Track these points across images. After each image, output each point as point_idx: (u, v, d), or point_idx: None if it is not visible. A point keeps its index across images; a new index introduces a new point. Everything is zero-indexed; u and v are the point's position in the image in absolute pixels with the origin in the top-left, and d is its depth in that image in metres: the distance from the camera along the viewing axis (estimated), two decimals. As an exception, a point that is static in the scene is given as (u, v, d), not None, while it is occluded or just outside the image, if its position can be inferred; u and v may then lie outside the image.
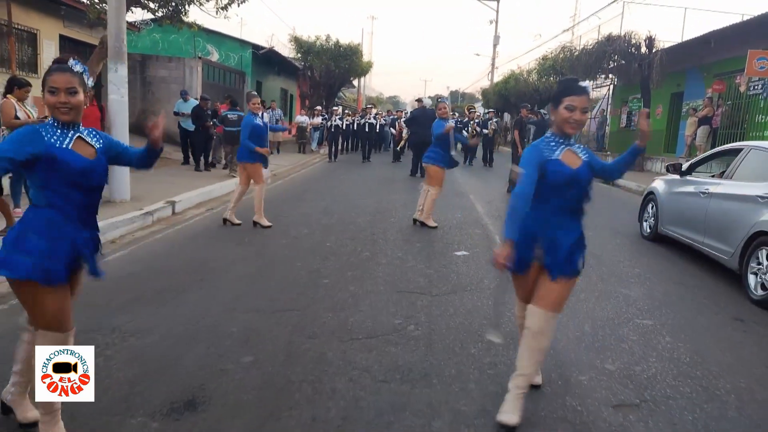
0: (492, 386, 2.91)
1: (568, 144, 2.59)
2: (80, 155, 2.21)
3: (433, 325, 3.77)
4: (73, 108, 2.20)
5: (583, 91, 2.55)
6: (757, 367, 3.39)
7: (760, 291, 4.51)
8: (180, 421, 2.53)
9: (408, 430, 2.49)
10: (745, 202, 4.89)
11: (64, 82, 2.17)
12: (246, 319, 3.77)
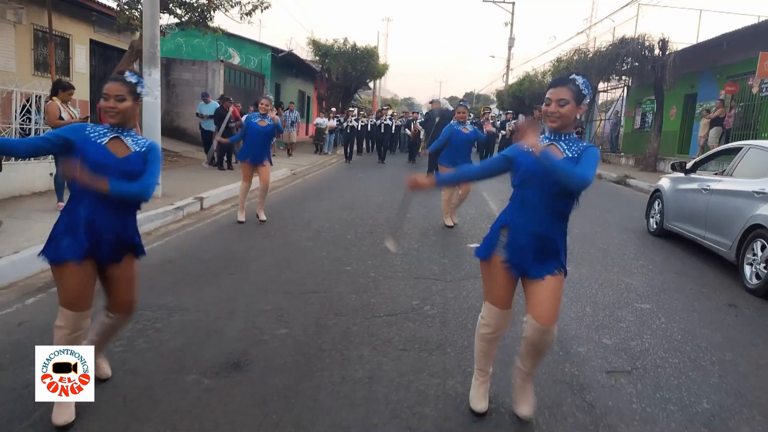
0: (500, 355, 3.28)
1: (557, 140, 2.48)
2: (108, 151, 2.44)
3: (447, 306, 4.14)
4: (119, 112, 2.48)
5: (561, 82, 2.44)
6: (743, 345, 3.72)
7: (755, 280, 4.82)
8: (228, 378, 2.94)
9: (425, 387, 2.88)
10: (742, 198, 5.22)
11: (114, 90, 2.48)
12: (277, 300, 4.18)
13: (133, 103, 2.53)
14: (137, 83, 2.55)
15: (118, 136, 2.50)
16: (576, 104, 2.41)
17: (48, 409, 2.39)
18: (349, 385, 2.89)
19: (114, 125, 2.51)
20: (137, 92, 2.55)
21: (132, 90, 2.52)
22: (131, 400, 2.69)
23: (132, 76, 2.55)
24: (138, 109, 2.63)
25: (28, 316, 3.75)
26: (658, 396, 2.90)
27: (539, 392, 2.83)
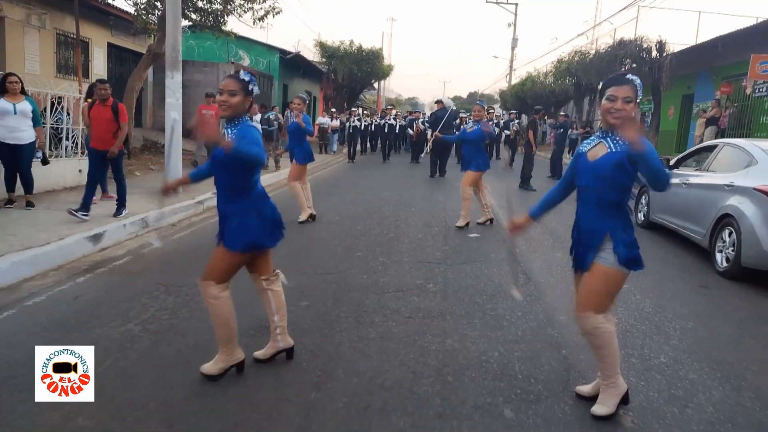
0: (492, 320, 3.85)
1: (605, 137, 2.59)
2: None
3: (447, 285, 4.70)
4: (230, 106, 2.71)
5: (625, 81, 2.51)
6: (705, 317, 4.25)
7: (724, 264, 5.37)
8: (263, 338, 3.49)
9: (428, 344, 3.43)
10: (715, 190, 5.78)
11: (228, 86, 2.72)
12: (297, 279, 4.72)
13: (243, 98, 2.72)
14: (250, 81, 2.75)
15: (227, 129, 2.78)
16: (636, 105, 2.51)
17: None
18: (364, 342, 3.45)
19: (226, 117, 2.76)
20: (249, 89, 2.74)
21: (244, 87, 2.72)
22: (183, 353, 3.26)
23: (246, 74, 2.75)
24: (248, 104, 2.80)
25: (81, 292, 4.32)
26: (623, 352, 3.44)
27: (523, 348, 3.39)
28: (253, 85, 2.76)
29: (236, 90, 2.68)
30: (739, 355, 3.56)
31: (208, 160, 2.93)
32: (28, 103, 6.50)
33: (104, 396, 2.61)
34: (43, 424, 2.38)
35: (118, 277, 4.72)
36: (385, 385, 2.89)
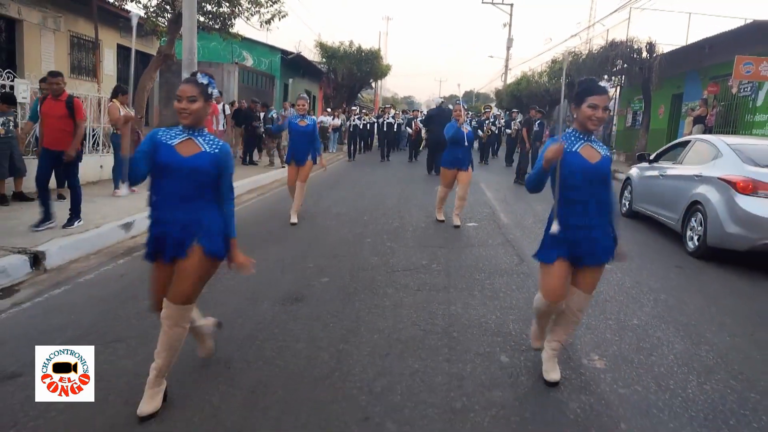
0: (489, 293, 4.43)
1: (588, 140, 2.82)
2: (176, 152, 2.49)
3: (450, 265, 5.27)
4: (192, 113, 2.50)
5: (604, 90, 2.76)
6: (678, 291, 4.84)
7: (693, 245, 6.01)
8: (292, 306, 4.06)
9: (435, 309, 4.01)
10: (686, 181, 6.44)
11: (186, 92, 2.49)
12: (315, 261, 5.29)
13: (204, 104, 2.53)
14: (209, 84, 2.56)
15: (190, 138, 2.54)
16: None
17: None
18: (380, 309, 4.02)
19: (187, 126, 2.54)
20: (209, 93, 2.56)
21: (203, 91, 2.53)
22: (224, 318, 3.81)
23: (203, 77, 2.55)
24: (209, 109, 2.64)
25: (124, 271, 4.87)
26: (601, 316, 4.03)
27: (516, 313, 3.97)
28: (212, 88, 2.58)
29: (196, 95, 2.50)
30: (702, 319, 4.15)
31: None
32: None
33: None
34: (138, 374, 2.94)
35: (133, 268, 5.25)
36: (401, 339, 3.46)
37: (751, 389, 3.05)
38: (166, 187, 2.51)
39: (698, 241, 6.01)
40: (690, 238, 6.18)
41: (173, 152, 2.50)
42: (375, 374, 2.98)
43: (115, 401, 2.61)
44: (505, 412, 2.66)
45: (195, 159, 2.50)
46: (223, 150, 2.60)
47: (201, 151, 2.53)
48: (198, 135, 2.57)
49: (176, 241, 2.50)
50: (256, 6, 12.29)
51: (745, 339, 3.82)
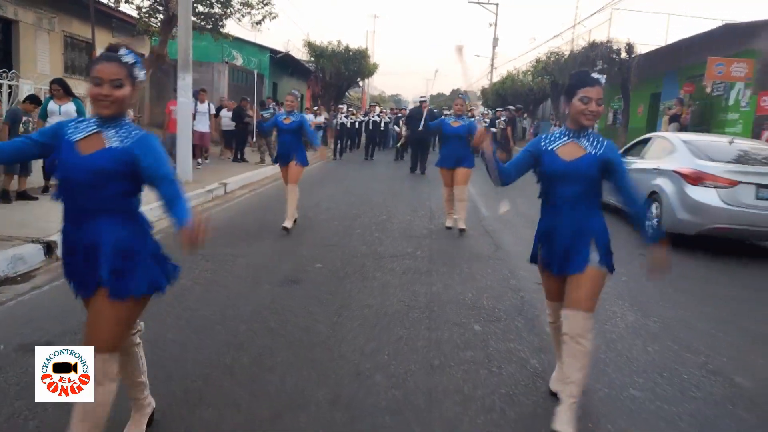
0: (467, 275, 4.91)
1: (577, 136, 2.56)
2: (74, 150, 1.97)
3: (432, 252, 5.75)
4: (116, 102, 1.94)
5: (597, 82, 2.49)
6: (638, 275, 5.35)
7: (653, 230, 6.58)
8: (290, 287, 4.50)
9: (418, 288, 4.48)
10: (646, 173, 7.06)
11: (109, 73, 1.92)
12: (309, 250, 5.74)
13: (132, 91, 1.98)
14: (135, 63, 1.99)
15: (99, 132, 1.99)
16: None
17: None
18: (369, 289, 4.48)
19: (106, 117, 1.98)
20: (135, 76, 1.99)
21: (131, 73, 1.97)
22: (229, 297, 4.25)
23: (128, 54, 1.98)
24: (137, 97, 2.11)
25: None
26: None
27: (490, 292, 4.46)
28: (139, 69, 2.00)
29: (122, 78, 1.94)
30: (656, 297, 4.66)
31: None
32: (74, 105, 7.33)
33: (182, 327, 3.62)
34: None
35: (159, 249, 5.67)
36: (388, 313, 3.92)
37: (686, 351, 3.57)
38: (65, 199, 2.00)
39: (653, 228, 6.59)
40: (648, 227, 6.71)
41: (72, 151, 1.96)
42: (365, 340, 3.45)
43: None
44: (475, 367, 3.14)
45: (95, 158, 1.94)
46: (142, 141, 1.99)
47: (105, 147, 1.96)
48: (110, 127, 1.98)
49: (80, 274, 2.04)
50: (248, 7, 12.69)
51: (690, 313, 4.35)
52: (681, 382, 3.14)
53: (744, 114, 15.03)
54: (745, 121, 14.86)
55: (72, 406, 2.05)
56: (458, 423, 2.59)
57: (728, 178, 6.19)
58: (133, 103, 2.17)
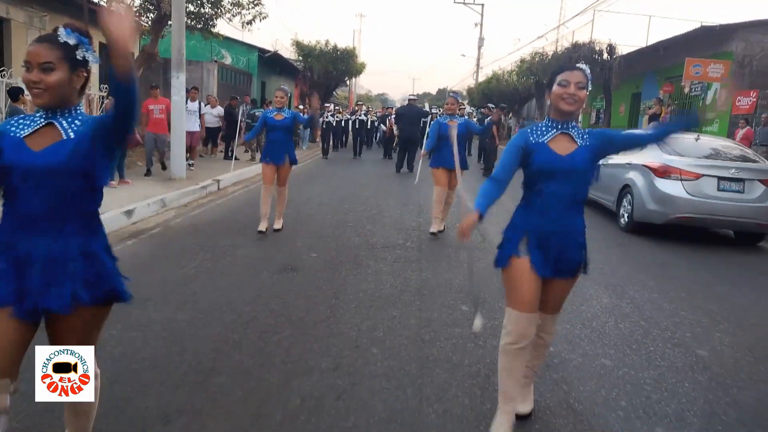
0: (455, 263, 5.23)
1: (566, 127, 2.40)
2: (25, 146, 1.74)
3: (422, 243, 6.07)
4: (47, 89, 1.71)
5: (577, 68, 2.37)
6: (614, 261, 5.72)
7: (624, 221, 7.33)
8: (288, 274, 4.78)
9: (409, 275, 4.79)
10: (620, 168, 7.58)
11: (37, 56, 1.70)
12: (304, 241, 6.01)
13: (70, 75, 1.74)
14: (78, 44, 1.76)
15: (51, 123, 1.77)
16: (587, 92, 2.36)
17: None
18: (363, 276, 4.78)
19: (43, 107, 1.77)
20: (77, 58, 1.75)
21: (68, 55, 1.73)
22: (232, 284, 4.51)
23: (69, 34, 1.74)
24: (81, 83, 1.81)
25: (135, 251, 5.50)
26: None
27: (477, 277, 4.78)
28: (84, 49, 1.77)
29: (53, 61, 1.71)
30: (629, 282, 5.02)
31: None
32: None
33: (190, 309, 3.89)
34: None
35: (159, 241, 5.92)
36: (382, 296, 4.23)
37: (654, 327, 3.92)
38: (15, 204, 1.75)
39: (628, 218, 7.28)
40: (622, 216, 7.45)
41: (22, 147, 1.74)
42: (362, 319, 3.74)
43: (142, 349, 3.31)
44: (462, 341, 3.45)
45: (49, 153, 1.73)
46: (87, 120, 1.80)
47: (61, 140, 1.75)
48: (62, 117, 1.78)
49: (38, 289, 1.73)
50: (238, 7, 12.90)
51: (660, 295, 4.70)
52: (648, 353, 3.48)
53: (720, 113, 15.56)
54: (722, 120, 15.39)
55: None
56: (447, 387, 2.90)
57: (693, 171, 6.76)
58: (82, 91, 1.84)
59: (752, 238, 7.27)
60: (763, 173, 6.91)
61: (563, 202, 2.40)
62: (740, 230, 7.23)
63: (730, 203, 6.68)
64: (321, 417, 2.55)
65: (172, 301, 4.00)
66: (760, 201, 6.71)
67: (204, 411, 2.56)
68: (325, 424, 2.50)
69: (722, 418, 2.77)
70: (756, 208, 6.69)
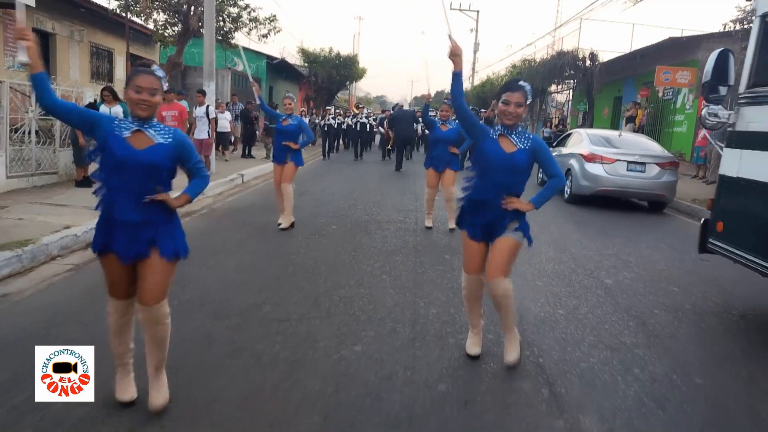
0: (442, 231, 6.83)
1: (509, 133, 3.02)
2: (128, 145, 2.44)
3: (418, 219, 7.68)
4: (151, 106, 2.45)
5: (518, 87, 2.87)
6: (559, 224, 7.31)
7: (566, 195, 9.71)
8: (317, 238, 6.36)
9: (407, 238, 6.39)
10: (566, 157, 10.11)
11: (148, 83, 2.44)
12: (324, 218, 7.60)
13: (161, 96, 2.53)
14: (162, 77, 2.54)
15: (140, 130, 2.49)
16: (525, 107, 2.97)
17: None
18: (373, 239, 6.37)
19: (141, 118, 2.49)
20: (162, 87, 2.53)
21: (161, 85, 2.52)
22: (277, 244, 6.09)
23: (158, 69, 2.54)
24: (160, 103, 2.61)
25: (189, 228, 7.08)
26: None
27: (457, 242, 6.39)
28: (164, 81, 2.56)
29: (157, 88, 2.49)
30: (570, 242, 6.61)
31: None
32: (120, 107, 9.09)
33: (252, 257, 5.50)
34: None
35: (209, 218, 7.49)
36: (388, 251, 5.83)
37: (580, 268, 5.52)
38: (118, 184, 2.47)
39: (569, 192, 9.77)
40: (565, 192, 9.86)
41: (126, 144, 2.45)
42: (374, 261, 5.35)
43: (225, 276, 4.91)
44: (444, 272, 5.05)
45: (151, 152, 2.47)
46: (176, 139, 2.56)
47: (155, 143, 2.49)
48: (150, 127, 2.52)
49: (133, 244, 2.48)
50: (255, 22, 14.50)
51: (591, 247, 6.32)
52: (570, 281, 5.07)
53: (688, 116, 17.19)
54: (689, 122, 17.01)
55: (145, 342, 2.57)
56: (432, 292, 4.49)
57: (610, 157, 9.47)
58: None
59: (658, 207, 9.85)
60: (659, 158, 9.58)
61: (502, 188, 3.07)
62: (645, 199, 9.90)
63: (636, 180, 9.34)
64: (352, 307, 4.14)
65: (237, 252, 5.60)
66: (657, 178, 9.40)
67: (281, 302, 4.16)
68: (353, 310, 4.08)
69: (611, 319, 4.31)
70: (653, 183, 9.38)
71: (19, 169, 7.95)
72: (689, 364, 3.43)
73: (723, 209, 4.46)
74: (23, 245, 5.11)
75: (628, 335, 3.85)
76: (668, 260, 6.13)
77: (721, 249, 4.42)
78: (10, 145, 7.74)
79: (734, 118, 4.22)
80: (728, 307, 4.64)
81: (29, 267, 4.96)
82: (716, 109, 4.23)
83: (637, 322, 4.12)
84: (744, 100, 4.22)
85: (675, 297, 4.83)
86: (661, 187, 9.40)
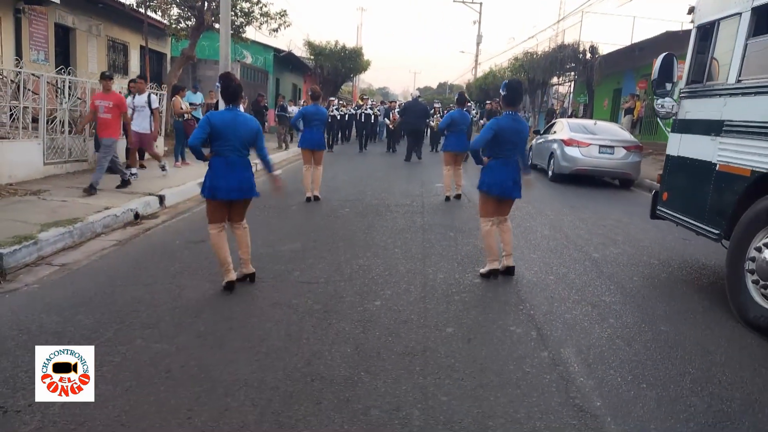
0: (449, 214, 7.46)
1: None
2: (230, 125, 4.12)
3: (424, 203, 8.30)
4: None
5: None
6: (549, 201, 7.93)
7: (550, 174, 10.89)
8: (333, 218, 6.99)
9: (415, 220, 7.02)
10: (550, 142, 12.03)
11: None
12: (337, 203, 8.22)
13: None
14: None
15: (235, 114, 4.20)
16: None
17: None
18: (383, 220, 6.99)
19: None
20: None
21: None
22: (297, 222, 6.72)
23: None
24: None
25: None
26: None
27: (470, 225, 7.01)
28: None
29: None
30: (561, 221, 7.22)
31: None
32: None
33: (279, 229, 6.14)
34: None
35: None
36: (397, 229, 6.46)
37: (565, 239, 6.14)
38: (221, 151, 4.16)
39: (551, 172, 11.65)
40: (549, 171, 11.77)
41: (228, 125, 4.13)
42: (386, 238, 5.98)
43: (253, 242, 5.54)
44: (449, 245, 5.68)
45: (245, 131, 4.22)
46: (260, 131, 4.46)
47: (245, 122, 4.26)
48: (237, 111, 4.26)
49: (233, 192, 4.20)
50: (266, 17, 15.06)
51: (571, 223, 6.93)
52: (561, 255, 5.69)
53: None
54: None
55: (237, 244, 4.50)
56: (441, 259, 5.12)
57: (585, 141, 11.12)
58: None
59: (627, 184, 11.55)
60: (626, 142, 11.26)
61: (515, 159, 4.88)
62: (615, 177, 11.62)
63: (606, 161, 11.06)
64: (370, 273, 4.77)
65: (263, 227, 6.23)
66: (624, 159, 11.11)
67: (308, 269, 4.79)
68: (372, 275, 4.71)
69: (595, 283, 4.92)
70: (621, 163, 11.11)
71: (54, 157, 8.58)
72: (657, 316, 4.06)
73: (667, 182, 5.40)
74: (73, 223, 5.75)
75: (607, 295, 4.48)
76: (653, 239, 6.73)
77: (666, 214, 5.32)
78: (45, 135, 8.36)
79: (676, 108, 5.20)
80: (700, 276, 5.27)
81: (78, 242, 5.60)
82: (664, 101, 5.22)
83: (617, 287, 4.74)
84: (684, 94, 5.21)
85: (654, 268, 5.45)
86: (627, 167, 11.16)
